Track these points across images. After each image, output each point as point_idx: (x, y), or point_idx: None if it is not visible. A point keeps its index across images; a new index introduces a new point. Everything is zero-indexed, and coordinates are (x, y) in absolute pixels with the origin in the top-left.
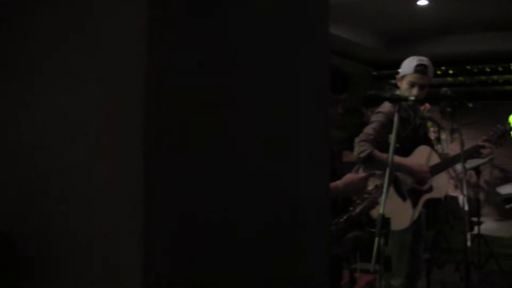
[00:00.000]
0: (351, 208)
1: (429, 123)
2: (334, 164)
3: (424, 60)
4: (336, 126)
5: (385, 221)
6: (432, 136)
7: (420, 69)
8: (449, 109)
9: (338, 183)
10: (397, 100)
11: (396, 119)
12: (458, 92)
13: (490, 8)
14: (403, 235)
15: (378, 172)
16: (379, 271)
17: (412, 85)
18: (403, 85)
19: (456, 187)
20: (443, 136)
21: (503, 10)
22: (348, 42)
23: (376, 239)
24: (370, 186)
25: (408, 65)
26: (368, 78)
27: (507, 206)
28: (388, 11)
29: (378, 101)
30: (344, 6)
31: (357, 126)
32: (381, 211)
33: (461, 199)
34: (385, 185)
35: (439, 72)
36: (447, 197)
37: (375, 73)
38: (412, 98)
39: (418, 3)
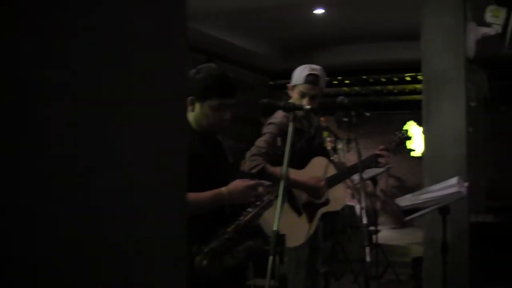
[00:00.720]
0: (241, 217)
1: (326, 133)
2: (228, 175)
3: (316, 69)
4: (232, 136)
5: (280, 238)
6: (329, 146)
7: (310, 79)
8: (345, 119)
9: (223, 189)
10: (291, 109)
11: (290, 129)
12: (354, 102)
13: (386, 18)
14: (299, 251)
15: (266, 182)
16: None
17: (302, 95)
18: (294, 95)
19: (353, 196)
20: (340, 146)
21: (398, 20)
22: (244, 51)
23: (271, 257)
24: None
25: (299, 75)
26: (265, 88)
27: (407, 218)
28: (284, 19)
29: (272, 109)
30: (240, 14)
31: (254, 135)
32: (275, 228)
33: (358, 208)
34: (279, 201)
35: (335, 82)
36: (344, 207)
37: (271, 82)
38: (308, 107)
39: (314, 12)
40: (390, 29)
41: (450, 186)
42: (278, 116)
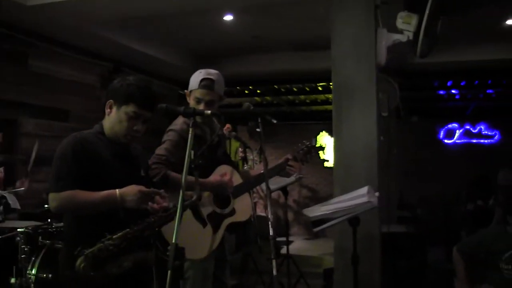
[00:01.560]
0: (134, 226)
1: (237, 143)
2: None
3: (211, 73)
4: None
5: (179, 251)
6: (240, 156)
7: (205, 84)
8: (258, 129)
9: (116, 191)
10: (191, 114)
11: (190, 135)
12: (263, 111)
13: (297, 27)
14: (204, 263)
15: (164, 193)
16: None
17: (198, 101)
18: (191, 102)
19: (266, 207)
20: (251, 156)
21: (309, 30)
22: (153, 59)
23: (169, 272)
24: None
25: (194, 80)
26: (175, 98)
27: (315, 230)
28: (193, 27)
29: (171, 115)
30: (148, 21)
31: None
32: (174, 240)
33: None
34: (178, 211)
35: (246, 92)
36: (254, 218)
37: (181, 92)
38: (208, 112)
39: (224, 18)
40: (302, 38)
41: (360, 196)
42: (178, 122)
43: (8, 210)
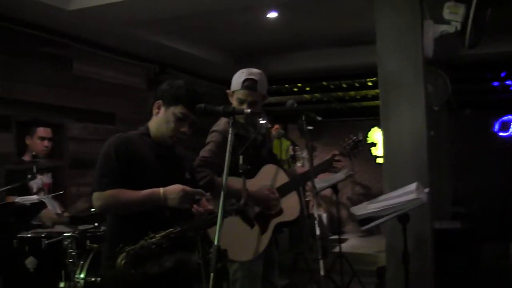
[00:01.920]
0: (177, 226)
1: (287, 142)
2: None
3: (254, 73)
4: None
5: (221, 254)
6: (290, 154)
7: (248, 84)
8: (310, 127)
9: (160, 189)
10: (231, 114)
11: (230, 135)
12: (312, 107)
13: (342, 23)
14: (252, 264)
15: (209, 196)
16: None
17: (241, 102)
18: (234, 102)
19: (318, 205)
20: (302, 154)
21: (355, 24)
22: (199, 60)
23: (212, 275)
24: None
25: (236, 80)
26: (222, 97)
27: (363, 228)
28: (236, 25)
29: (210, 114)
30: (195, 22)
31: None
32: (216, 242)
33: (324, 217)
34: (220, 212)
35: (295, 89)
36: (305, 216)
37: (228, 91)
38: (248, 111)
39: (267, 15)
40: (348, 32)
41: (408, 193)
42: (221, 123)
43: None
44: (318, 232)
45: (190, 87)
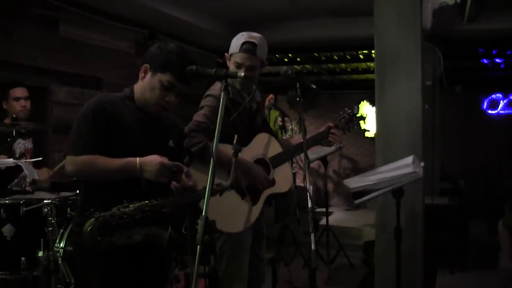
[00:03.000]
0: (153, 200)
1: (276, 112)
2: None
3: (254, 37)
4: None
5: (209, 225)
6: (278, 125)
7: (247, 47)
8: (298, 99)
9: (138, 160)
10: (223, 77)
11: (222, 99)
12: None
13: None
14: (241, 236)
15: (190, 172)
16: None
17: (238, 66)
18: (231, 66)
19: (305, 178)
20: (290, 125)
21: None
22: (191, 26)
23: (198, 247)
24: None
25: (235, 43)
26: (213, 66)
27: (356, 202)
28: None
29: (201, 77)
30: None
31: None
32: (204, 213)
33: (310, 189)
34: (209, 180)
35: (286, 60)
36: (294, 189)
37: (220, 60)
38: (242, 74)
39: None
40: (342, 3)
41: (405, 166)
42: (216, 87)
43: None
44: (310, 205)
45: (182, 54)
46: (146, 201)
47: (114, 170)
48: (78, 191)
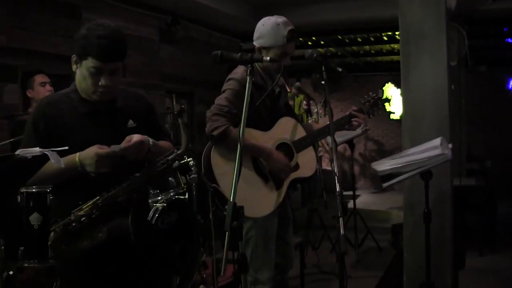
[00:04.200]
0: (105, 193)
1: (301, 96)
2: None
3: (290, 23)
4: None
5: (238, 211)
6: (304, 109)
7: (292, 36)
8: (322, 82)
9: (77, 155)
10: (249, 61)
11: (248, 84)
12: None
13: None
14: (267, 222)
15: (116, 149)
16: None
17: (284, 55)
18: (271, 56)
19: (331, 161)
20: (315, 109)
21: None
22: (213, 11)
23: (227, 234)
24: None
25: (276, 34)
26: (237, 51)
27: (385, 185)
28: None
29: (226, 62)
30: None
31: None
32: (231, 199)
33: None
34: (236, 166)
35: (310, 43)
36: (320, 172)
37: (243, 44)
38: (268, 58)
39: None
40: None
41: (433, 148)
42: (239, 71)
43: None
44: (338, 188)
45: (100, 33)
46: (97, 197)
47: (60, 172)
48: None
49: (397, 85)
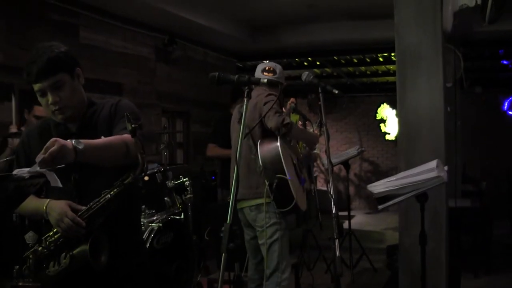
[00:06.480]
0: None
1: (296, 116)
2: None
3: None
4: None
5: (234, 232)
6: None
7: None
8: (319, 102)
9: (45, 204)
10: (246, 83)
11: (245, 105)
12: (323, 81)
13: None
14: (288, 225)
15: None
16: None
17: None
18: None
19: (326, 181)
20: (311, 129)
21: None
22: (210, 31)
23: (223, 255)
24: None
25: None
26: (233, 70)
27: (380, 207)
28: None
29: (223, 84)
30: None
31: (222, 119)
32: (228, 221)
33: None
34: (232, 190)
35: (306, 63)
36: (314, 192)
37: (239, 64)
38: (264, 80)
39: None
40: (361, 6)
41: (429, 170)
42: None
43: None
44: (334, 210)
45: (30, 58)
46: (49, 233)
47: (31, 213)
48: None
49: (393, 105)
